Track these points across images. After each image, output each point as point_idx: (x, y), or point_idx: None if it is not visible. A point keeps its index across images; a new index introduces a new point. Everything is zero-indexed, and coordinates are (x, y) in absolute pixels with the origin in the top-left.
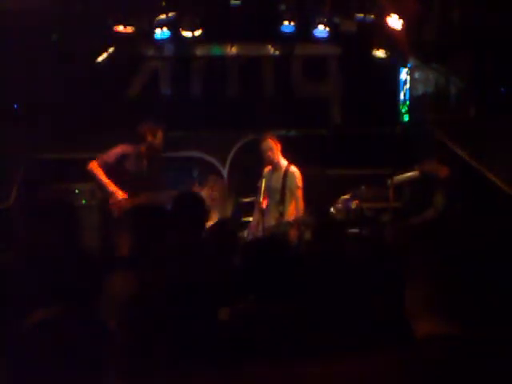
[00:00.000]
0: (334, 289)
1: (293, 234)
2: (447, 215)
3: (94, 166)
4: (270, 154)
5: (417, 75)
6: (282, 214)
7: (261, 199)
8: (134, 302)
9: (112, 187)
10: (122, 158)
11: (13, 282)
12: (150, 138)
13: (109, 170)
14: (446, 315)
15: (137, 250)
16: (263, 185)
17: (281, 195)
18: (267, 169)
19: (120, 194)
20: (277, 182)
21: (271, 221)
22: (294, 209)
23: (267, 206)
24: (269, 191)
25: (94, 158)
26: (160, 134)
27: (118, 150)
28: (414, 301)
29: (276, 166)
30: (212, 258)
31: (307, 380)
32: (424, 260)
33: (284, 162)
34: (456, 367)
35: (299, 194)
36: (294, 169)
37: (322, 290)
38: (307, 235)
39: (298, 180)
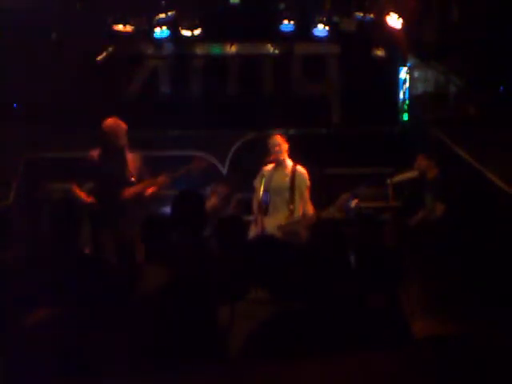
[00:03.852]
0: (333, 288)
1: (303, 233)
2: (445, 215)
3: (75, 189)
4: (277, 149)
5: (416, 74)
6: (292, 212)
7: (260, 198)
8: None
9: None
10: (93, 164)
11: (13, 282)
12: (113, 134)
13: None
14: (444, 315)
15: None
16: (262, 183)
17: (290, 194)
18: (267, 167)
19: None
20: (283, 181)
21: (281, 219)
22: (303, 207)
23: (272, 204)
24: (272, 190)
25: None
26: (123, 129)
27: (86, 161)
28: (413, 301)
29: (281, 164)
30: (213, 257)
31: (307, 380)
32: (422, 260)
33: (289, 162)
34: (454, 367)
35: (307, 193)
36: (302, 169)
37: (322, 289)
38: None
39: (307, 180)
